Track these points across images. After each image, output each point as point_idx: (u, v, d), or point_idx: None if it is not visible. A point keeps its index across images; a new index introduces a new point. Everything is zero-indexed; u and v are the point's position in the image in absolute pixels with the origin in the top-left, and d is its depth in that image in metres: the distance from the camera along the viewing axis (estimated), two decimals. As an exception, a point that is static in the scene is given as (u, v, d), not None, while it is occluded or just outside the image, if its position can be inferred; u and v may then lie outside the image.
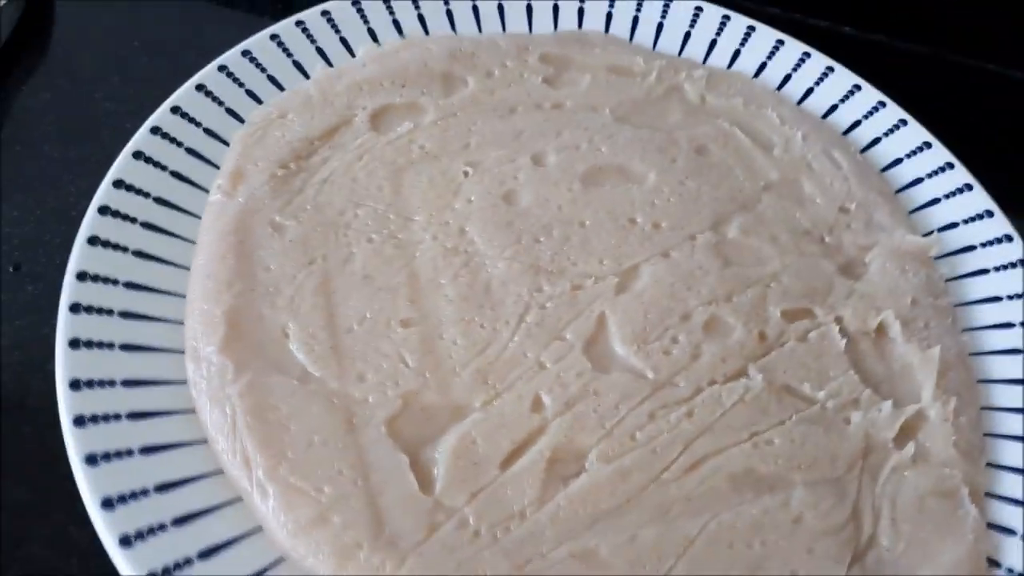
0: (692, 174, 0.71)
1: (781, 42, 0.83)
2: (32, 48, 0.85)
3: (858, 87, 0.80)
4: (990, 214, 0.72)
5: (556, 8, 0.83)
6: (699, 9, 0.84)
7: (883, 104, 0.79)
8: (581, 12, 0.83)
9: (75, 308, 0.54)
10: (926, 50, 0.99)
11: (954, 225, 0.73)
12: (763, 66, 0.82)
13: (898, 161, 0.77)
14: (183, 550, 0.46)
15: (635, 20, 0.83)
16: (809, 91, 0.81)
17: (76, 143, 0.77)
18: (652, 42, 0.83)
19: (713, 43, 0.83)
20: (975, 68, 0.98)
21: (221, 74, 0.72)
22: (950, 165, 0.75)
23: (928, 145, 0.76)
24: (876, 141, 0.78)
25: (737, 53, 0.83)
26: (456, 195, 0.67)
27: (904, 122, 0.78)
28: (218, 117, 0.71)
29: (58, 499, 0.54)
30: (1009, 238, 0.71)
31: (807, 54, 0.82)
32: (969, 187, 0.73)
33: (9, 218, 0.72)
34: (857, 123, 0.79)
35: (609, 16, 0.83)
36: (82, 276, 0.56)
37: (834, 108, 0.80)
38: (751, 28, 0.83)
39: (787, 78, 0.82)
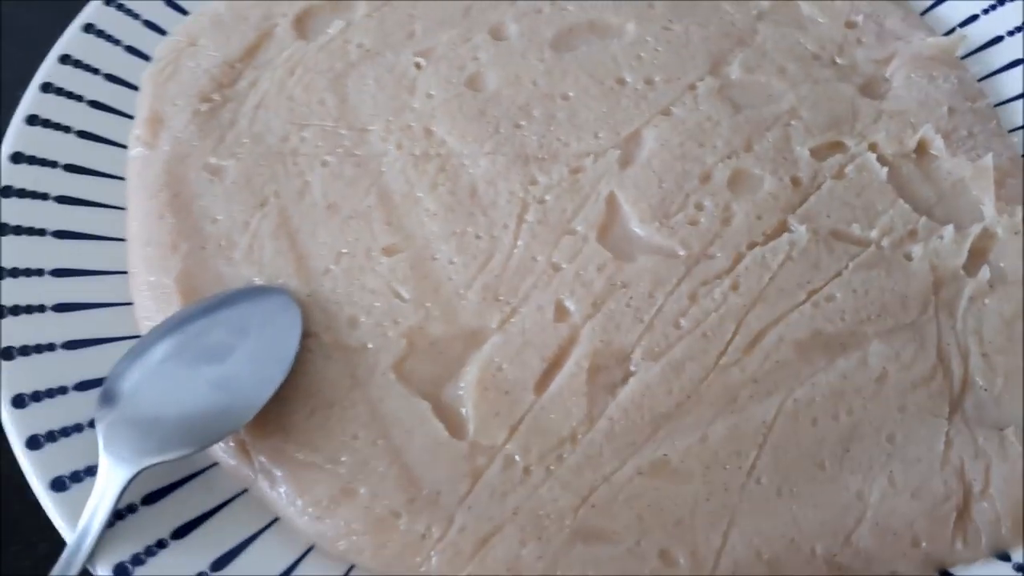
0: (675, 16, 0.62)
1: None
2: None
3: None
4: (1011, -4, 0.64)
5: None
6: None
7: None
8: None
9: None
10: None
11: (974, 18, 0.64)
12: None
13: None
14: (194, 565, 0.39)
15: None
16: None
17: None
18: None
19: None
20: None
21: (111, 8, 0.60)
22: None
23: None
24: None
25: None
26: (412, 93, 0.58)
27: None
28: (118, 59, 0.60)
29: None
30: (1038, 18, 0.62)
31: None
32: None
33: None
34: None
35: None
36: (6, 272, 0.47)
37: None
38: None
39: None
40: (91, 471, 0.41)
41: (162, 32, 0.61)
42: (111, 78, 0.59)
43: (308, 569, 0.40)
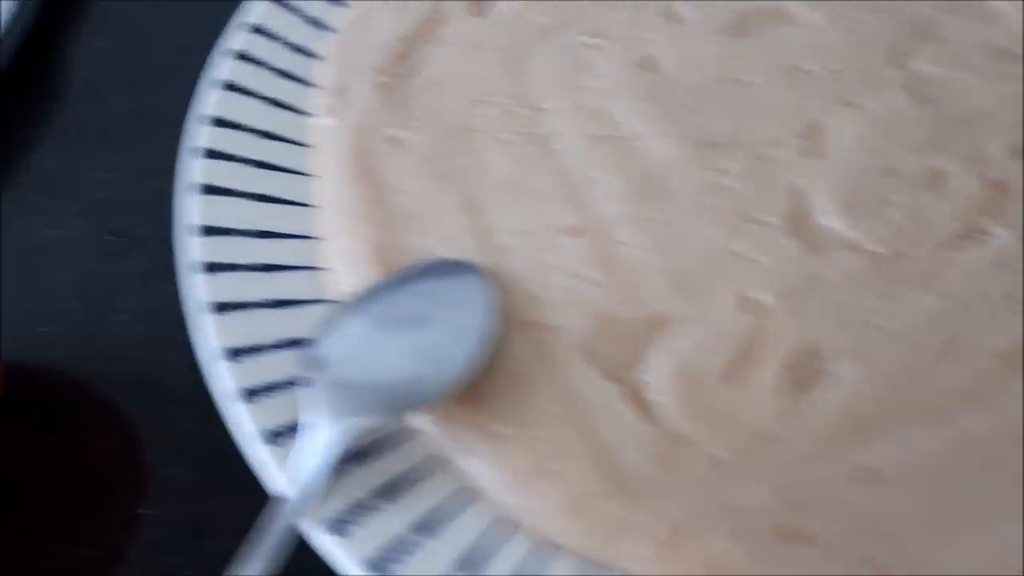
0: (858, 6, 0.60)
1: None
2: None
3: None
4: None
5: None
6: None
7: None
8: None
9: (211, 268, 0.47)
10: None
11: None
12: None
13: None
14: (398, 526, 0.40)
15: None
16: None
17: (148, 90, 0.69)
18: None
19: None
20: None
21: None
22: None
23: None
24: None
25: None
26: (586, 72, 0.58)
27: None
28: (299, 30, 0.61)
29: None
30: None
31: None
32: None
33: (92, 180, 0.65)
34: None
35: None
36: (206, 230, 0.49)
37: None
38: None
39: None
40: (294, 429, 0.42)
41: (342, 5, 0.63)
42: (294, 48, 0.60)
43: (514, 544, 0.41)
